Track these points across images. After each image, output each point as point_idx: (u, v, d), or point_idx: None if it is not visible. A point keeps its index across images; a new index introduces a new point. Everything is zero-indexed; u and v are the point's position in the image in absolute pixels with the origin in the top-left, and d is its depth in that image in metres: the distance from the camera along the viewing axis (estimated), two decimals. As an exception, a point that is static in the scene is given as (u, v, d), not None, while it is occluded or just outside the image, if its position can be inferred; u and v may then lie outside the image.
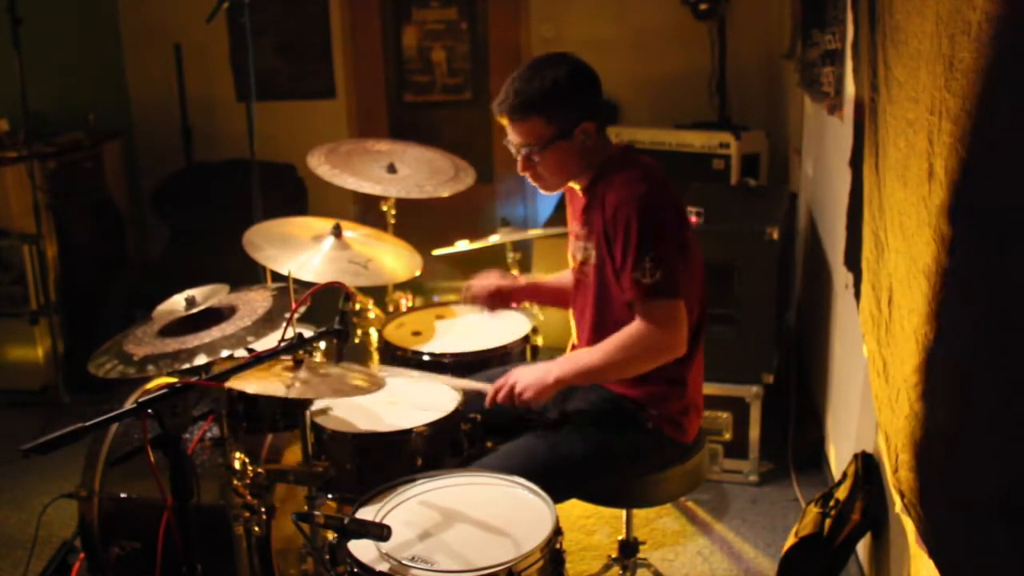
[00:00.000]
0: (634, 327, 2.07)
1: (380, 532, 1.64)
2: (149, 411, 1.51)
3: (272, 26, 5.54)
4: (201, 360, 1.90)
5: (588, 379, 2.16)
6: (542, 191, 2.26)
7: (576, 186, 2.26)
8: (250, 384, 1.84)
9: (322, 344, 2.24)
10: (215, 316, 2.10)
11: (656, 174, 2.13)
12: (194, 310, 2.07)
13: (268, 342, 1.92)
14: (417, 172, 3.15)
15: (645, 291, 2.04)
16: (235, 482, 2.06)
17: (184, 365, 1.90)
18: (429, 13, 5.73)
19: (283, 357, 1.88)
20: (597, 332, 2.21)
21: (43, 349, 4.31)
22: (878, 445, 2.34)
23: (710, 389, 3.32)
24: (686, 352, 2.14)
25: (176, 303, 2.13)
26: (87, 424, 1.45)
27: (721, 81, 4.99)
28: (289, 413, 2.22)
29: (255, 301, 2.16)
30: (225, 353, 1.93)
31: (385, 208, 3.16)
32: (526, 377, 2.11)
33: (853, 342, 2.73)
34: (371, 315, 2.92)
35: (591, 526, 3.16)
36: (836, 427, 3.25)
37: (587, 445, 2.16)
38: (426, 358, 2.65)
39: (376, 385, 1.96)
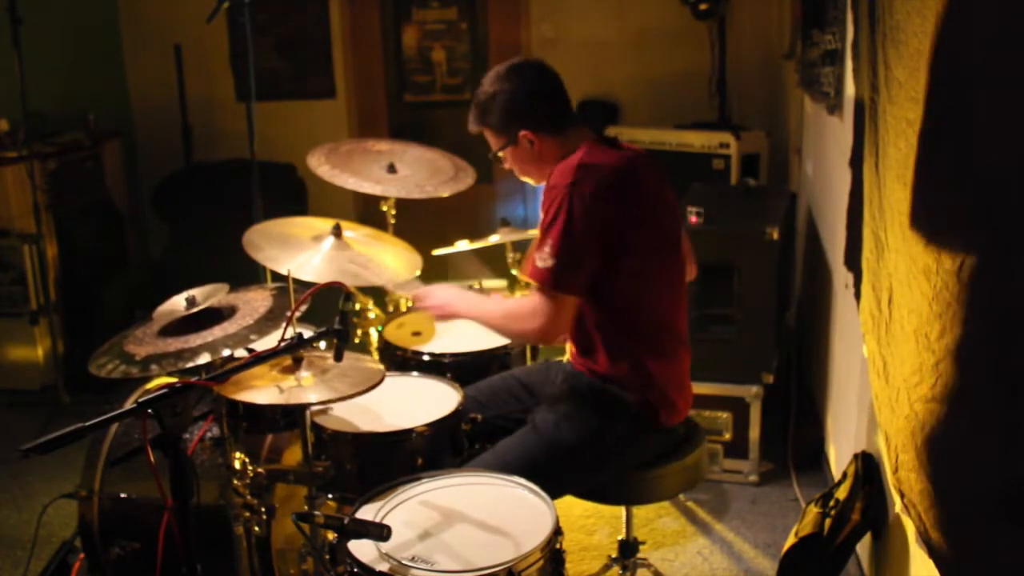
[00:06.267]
0: (520, 305, 2.20)
1: (380, 532, 1.64)
2: (149, 411, 1.51)
3: (272, 26, 5.54)
4: (204, 359, 1.90)
5: (479, 324, 2.36)
6: (531, 183, 2.39)
7: None
8: (248, 393, 1.85)
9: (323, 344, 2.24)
10: (216, 316, 2.10)
11: (601, 162, 2.13)
12: (194, 310, 2.07)
13: (269, 341, 1.92)
14: (417, 172, 3.15)
15: (532, 273, 2.12)
16: (235, 482, 2.06)
17: (187, 364, 1.90)
18: (429, 13, 5.73)
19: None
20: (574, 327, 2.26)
21: (43, 349, 4.31)
22: (878, 445, 2.34)
23: (710, 389, 3.35)
24: (556, 343, 2.24)
25: (176, 303, 2.13)
26: (87, 424, 1.45)
27: (721, 81, 4.99)
28: (289, 413, 2.23)
29: (255, 301, 2.16)
30: (226, 352, 1.93)
31: (385, 208, 3.16)
32: (438, 294, 2.39)
33: (853, 342, 2.73)
34: (371, 315, 2.92)
35: (591, 526, 3.16)
36: (836, 427, 3.25)
37: (578, 432, 2.18)
38: (426, 358, 2.65)
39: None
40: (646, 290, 2.20)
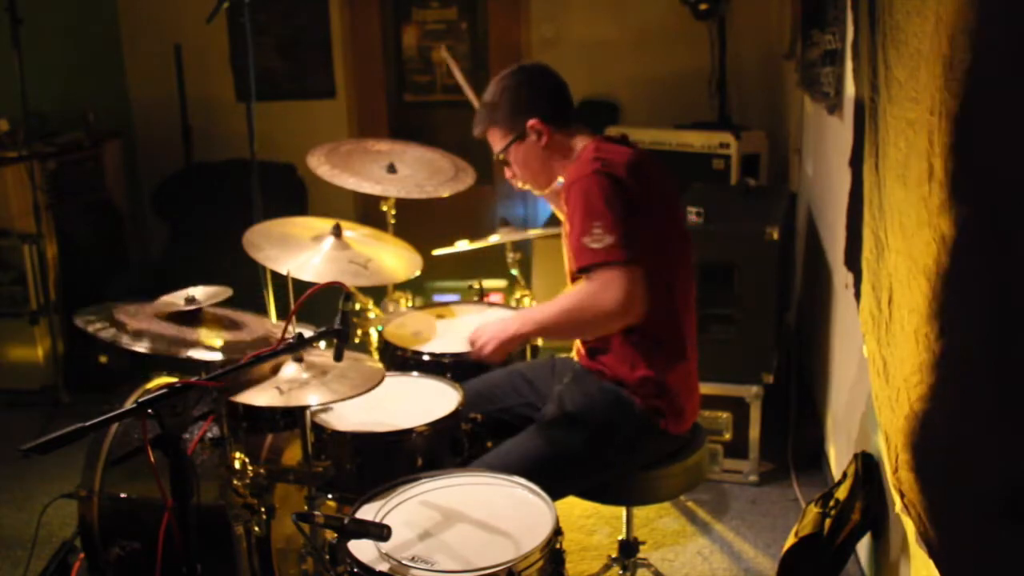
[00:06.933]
0: (588, 287, 2.07)
1: (380, 532, 1.64)
2: (149, 411, 1.51)
3: (272, 26, 5.55)
4: (196, 351, 1.89)
5: (545, 333, 2.28)
6: (534, 192, 2.39)
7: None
8: (248, 394, 1.84)
9: (323, 344, 2.24)
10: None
11: (614, 154, 2.15)
12: (192, 307, 2.07)
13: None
14: (417, 172, 3.15)
15: (594, 255, 2.03)
16: (235, 482, 2.06)
17: (179, 350, 1.88)
18: (429, 13, 5.73)
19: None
20: None
21: (43, 349, 4.31)
22: (878, 445, 2.34)
23: (710, 389, 3.34)
24: (638, 319, 2.08)
25: (175, 300, 2.12)
26: (87, 424, 1.45)
27: (721, 81, 4.99)
28: (289, 413, 2.23)
29: (263, 324, 2.14)
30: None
31: (385, 208, 3.16)
32: (487, 332, 2.23)
33: (853, 342, 2.73)
34: (371, 315, 2.92)
35: (591, 526, 3.16)
36: (836, 427, 3.25)
37: (584, 436, 2.18)
38: (426, 358, 2.65)
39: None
40: (659, 293, 2.18)
